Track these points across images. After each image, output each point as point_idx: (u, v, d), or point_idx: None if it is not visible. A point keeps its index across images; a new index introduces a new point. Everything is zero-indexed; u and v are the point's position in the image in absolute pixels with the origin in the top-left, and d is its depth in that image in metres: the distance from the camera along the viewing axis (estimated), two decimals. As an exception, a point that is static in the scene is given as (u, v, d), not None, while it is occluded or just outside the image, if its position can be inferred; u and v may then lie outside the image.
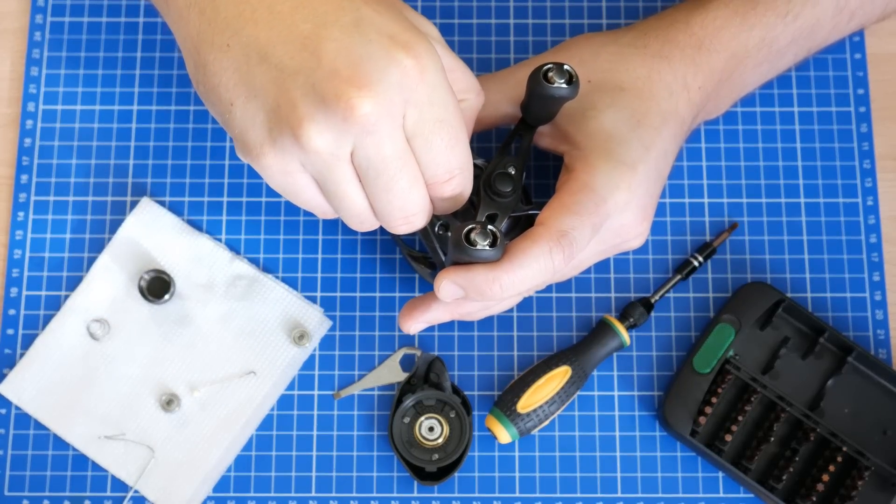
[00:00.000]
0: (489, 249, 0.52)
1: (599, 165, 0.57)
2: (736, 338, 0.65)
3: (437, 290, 0.55)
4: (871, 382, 0.65)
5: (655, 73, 0.59)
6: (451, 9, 0.73)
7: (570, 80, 0.54)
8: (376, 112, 0.46)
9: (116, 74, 0.71)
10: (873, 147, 0.70)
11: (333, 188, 0.50)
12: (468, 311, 0.60)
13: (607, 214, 0.56)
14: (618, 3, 0.73)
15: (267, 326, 0.66)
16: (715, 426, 0.65)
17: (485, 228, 0.52)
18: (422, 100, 0.48)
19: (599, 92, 0.59)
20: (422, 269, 0.65)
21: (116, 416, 0.65)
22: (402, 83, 0.47)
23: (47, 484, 0.65)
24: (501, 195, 0.57)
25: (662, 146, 0.58)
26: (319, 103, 0.46)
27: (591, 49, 0.61)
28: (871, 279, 0.68)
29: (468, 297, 0.55)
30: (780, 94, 0.71)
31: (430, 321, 0.60)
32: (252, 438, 0.65)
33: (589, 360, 0.64)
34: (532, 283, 0.54)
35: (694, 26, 0.61)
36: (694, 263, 0.67)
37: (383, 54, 0.46)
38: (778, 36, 0.62)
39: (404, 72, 0.47)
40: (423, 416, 0.64)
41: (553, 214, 0.55)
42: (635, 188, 0.57)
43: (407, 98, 0.47)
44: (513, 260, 0.53)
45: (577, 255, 0.55)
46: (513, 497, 0.65)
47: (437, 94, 0.48)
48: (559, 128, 0.60)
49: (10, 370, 0.66)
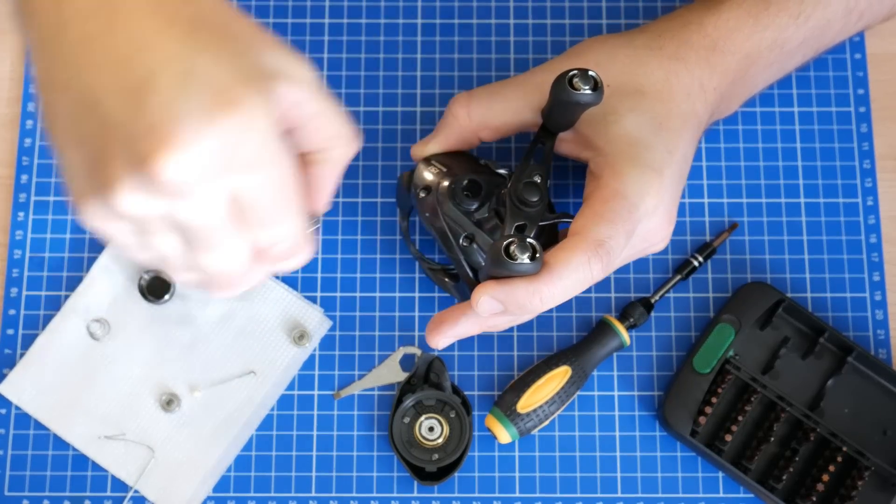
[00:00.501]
0: (529, 263, 0.51)
1: (627, 171, 0.56)
2: (736, 338, 0.65)
3: (476, 306, 0.54)
4: (871, 382, 0.65)
5: (673, 75, 0.59)
6: (451, 9, 0.73)
7: (595, 86, 0.54)
8: (187, 177, 0.42)
9: (116, 74, 0.71)
10: (873, 147, 0.70)
11: (149, 246, 0.47)
12: (496, 324, 0.60)
13: (639, 220, 0.56)
14: (618, 4, 0.73)
15: (267, 326, 0.66)
16: (715, 426, 0.65)
17: (524, 241, 0.51)
18: (243, 164, 0.44)
19: (619, 96, 0.58)
20: (442, 280, 0.64)
21: (116, 416, 0.65)
22: (221, 146, 0.43)
23: (47, 484, 0.65)
24: (529, 205, 0.57)
25: (684, 149, 0.58)
26: (133, 163, 0.42)
27: (606, 52, 0.61)
28: (871, 279, 0.68)
29: (507, 312, 0.54)
30: (780, 94, 0.71)
31: (459, 335, 0.59)
32: (252, 438, 0.65)
33: (589, 360, 0.64)
34: (571, 293, 0.54)
35: (707, 27, 0.61)
36: (694, 263, 0.67)
37: (203, 113, 0.42)
38: (790, 37, 0.62)
39: (224, 134, 0.42)
40: (423, 416, 0.64)
41: (587, 224, 0.55)
42: (663, 193, 0.57)
43: (227, 161, 0.43)
44: (552, 272, 0.53)
45: (614, 263, 0.55)
46: (513, 497, 0.65)
47: (262, 158, 0.44)
48: (581, 133, 0.59)
49: (10, 370, 0.66)
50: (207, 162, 0.42)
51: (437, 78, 0.71)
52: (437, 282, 0.65)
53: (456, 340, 0.60)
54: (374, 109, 0.71)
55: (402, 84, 0.71)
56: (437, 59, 0.72)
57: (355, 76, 0.72)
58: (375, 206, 0.69)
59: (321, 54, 0.72)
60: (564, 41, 0.72)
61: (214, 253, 0.46)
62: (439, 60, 0.72)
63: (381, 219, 0.69)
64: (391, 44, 0.72)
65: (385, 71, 0.72)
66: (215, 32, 0.44)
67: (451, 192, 0.59)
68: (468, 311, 0.57)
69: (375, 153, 0.70)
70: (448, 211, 0.59)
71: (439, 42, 0.72)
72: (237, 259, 0.47)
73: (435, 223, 0.60)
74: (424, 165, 0.62)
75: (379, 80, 0.71)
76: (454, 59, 0.72)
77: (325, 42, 0.72)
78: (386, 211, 0.69)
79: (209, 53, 0.43)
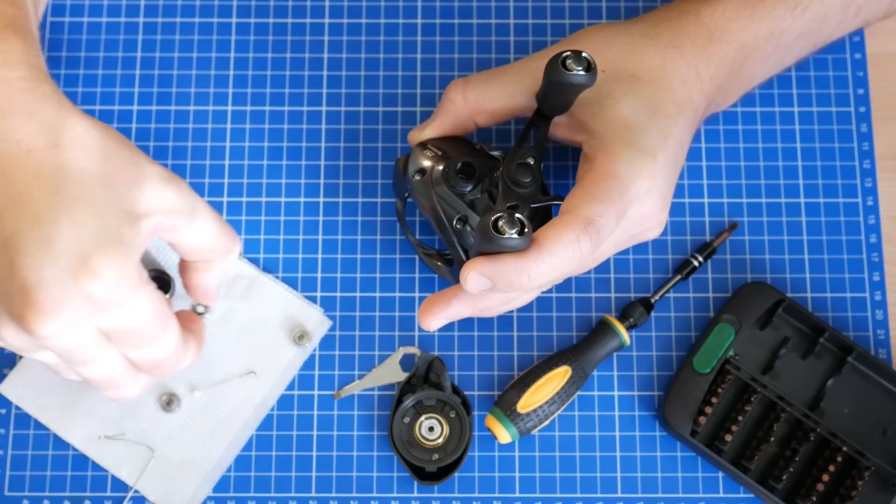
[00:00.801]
0: (517, 238, 0.51)
1: (621, 153, 0.56)
2: (736, 338, 0.65)
3: (464, 282, 0.54)
4: (871, 382, 0.65)
5: (669, 62, 0.59)
6: (451, 9, 0.73)
7: (587, 67, 0.54)
8: (58, 334, 0.47)
9: (116, 74, 0.71)
10: (873, 147, 0.70)
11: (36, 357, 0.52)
12: (489, 306, 0.59)
13: (630, 202, 0.56)
14: (618, 4, 0.73)
15: (267, 326, 0.66)
16: (715, 426, 0.65)
17: (512, 217, 0.51)
18: (110, 307, 0.48)
19: (614, 81, 0.59)
20: (436, 265, 0.65)
21: (116, 416, 0.65)
22: (86, 306, 0.47)
23: (47, 484, 0.65)
24: (522, 185, 0.57)
25: (679, 135, 0.59)
26: (12, 316, 0.47)
27: (602, 39, 0.61)
28: (871, 279, 0.68)
29: (495, 288, 0.54)
30: (780, 94, 0.71)
31: (451, 317, 0.59)
32: (252, 438, 0.65)
33: (589, 360, 0.64)
34: (560, 271, 0.54)
35: (704, 17, 0.61)
36: (694, 263, 0.67)
37: (68, 281, 0.46)
38: (786, 29, 0.62)
39: (88, 298, 0.47)
40: (423, 416, 0.64)
41: (578, 202, 0.55)
42: (655, 176, 0.57)
43: (95, 309, 0.48)
44: (541, 248, 0.53)
45: (603, 242, 0.55)
46: (513, 497, 0.65)
47: (127, 299, 0.48)
48: (575, 118, 0.60)
49: (11, 370, 0.66)
50: (76, 316, 0.47)
51: (437, 78, 0.71)
52: (431, 266, 0.65)
53: (447, 322, 0.59)
54: (375, 110, 0.71)
55: (403, 84, 0.71)
56: (437, 59, 0.72)
57: (355, 76, 0.72)
58: (375, 206, 0.69)
59: (321, 54, 0.72)
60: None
61: (91, 367, 0.51)
62: (439, 60, 0.72)
63: (381, 219, 0.69)
64: (391, 44, 0.72)
65: (385, 71, 0.72)
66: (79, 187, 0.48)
67: (445, 174, 0.60)
68: (459, 293, 0.57)
69: (375, 153, 0.70)
70: (442, 193, 0.60)
71: (439, 42, 0.72)
72: (114, 370, 0.52)
73: (429, 205, 0.60)
74: (420, 150, 0.62)
75: (379, 81, 0.71)
76: (454, 59, 0.72)
77: (325, 42, 0.72)
78: (386, 211, 0.69)
79: (69, 220, 0.47)
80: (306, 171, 0.70)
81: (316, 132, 0.71)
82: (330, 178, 0.70)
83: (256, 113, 0.71)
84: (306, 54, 0.72)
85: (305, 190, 0.69)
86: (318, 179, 0.70)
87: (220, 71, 0.71)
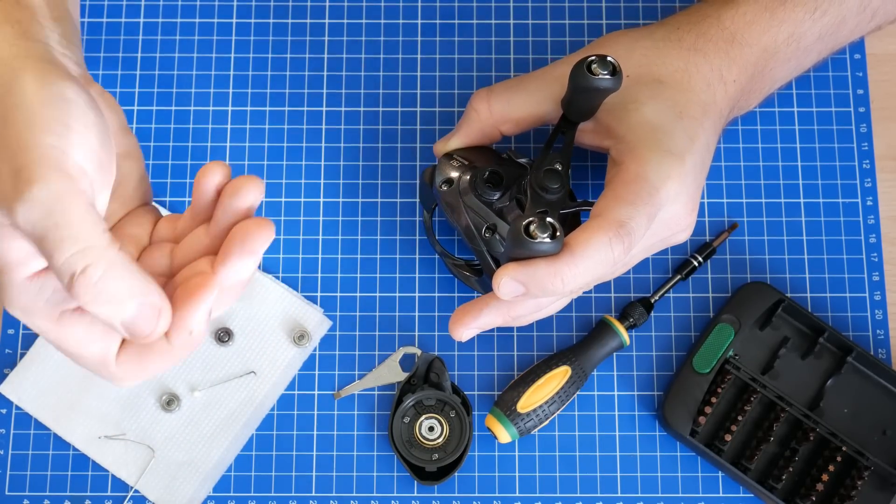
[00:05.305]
0: (549, 242, 0.51)
1: (649, 156, 0.56)
2: (736, 338, 0.65)
3: (497, 288, 0.54)
4: (871, 382, 0.65)
5: (692, 65, 0.60)
6: (451, 9, 0.73)
7: (613, 71, 0.54)
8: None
9: (117, 74, 0.71)
10: (873, 147, 0.70)
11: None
12: (521, 314, 0.59)
13: (660, 204, 0.56)
14: (617, 4, 0.73)
15: (267, 326, 0.67)
16: (715, 426, 0.65)
17: (543, 221, 0.51)
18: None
19: (639, 85, 0.59)
20: (464, 275, 0.65)
21: (116, 416, 0.65)
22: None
23: (48, 484, 0.65)
24: (550, 191, 0.57)
25: (705, 137, 0.59)
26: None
27: (625, 45, 0.61)
28: (871, 279, 0.68)
29: (529, 294, 0.54)
30: (780, 94, 0.71)
31: (482, 326, 0.59)
32: (252, 438, 0.66)
33: (589, 359, 0.65)
34: (592, 274, 0.54)
35: (725, 21, 0.61)
36: (694, 263, 0.67)
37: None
38: (806, 32, 0.62)
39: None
40: (423, 416, 0.64)
41: (608, 206, 0.55)
42: (684, 178, 0.57)
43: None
44: (574, 252, 0.53)
45: (635, 244, 0.55)
46: (513, 497, 0.65)
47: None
48: (601, 123, 0.59)
49: (11, 370, 0.66)
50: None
51: (437, 78, 0.71)
52: (460, 277, 0.65)
53: (479, 332, 0.59)
54: (375, 110, 0.71)
55: (403, 84, 0.71)
56: (437, 59, 0.72)
57: (355, 76, 0.72)
58: (375, 206, 0.69)
59: (321, 54, 0.72)
60: (564, 41, 0.72)
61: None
62: (439, 60, 0.72)
63: (381, 219, 0.69)
64: (391, 44, 0.72)
65: (385, 71, 0.72)
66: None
67: (472, 183, 0.60)
68: (491, 302, 0.57)
69: (375, 153, 0.70)
70: (470, 202, 0.60)
71: (439, 42, 0.72)
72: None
73: (457, 215, 0.60)
74: (446, 160, 0.62)
75: (379, 81, 0.72)
76: (454, 59, 0.72)
77: (325, 42, 0.72)
78: (386, 211, 0.69)
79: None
80: (306, 172, 0.70)
81: (317, 132, 0.71)
82: (330, 178, 0.70)
83: (257, 113, 0.71)
84: (306, 54, 0.72)
85: (305, 190, 0.69)
86: (318, 180, 0.70)
87: (220, 71, 0.72)
